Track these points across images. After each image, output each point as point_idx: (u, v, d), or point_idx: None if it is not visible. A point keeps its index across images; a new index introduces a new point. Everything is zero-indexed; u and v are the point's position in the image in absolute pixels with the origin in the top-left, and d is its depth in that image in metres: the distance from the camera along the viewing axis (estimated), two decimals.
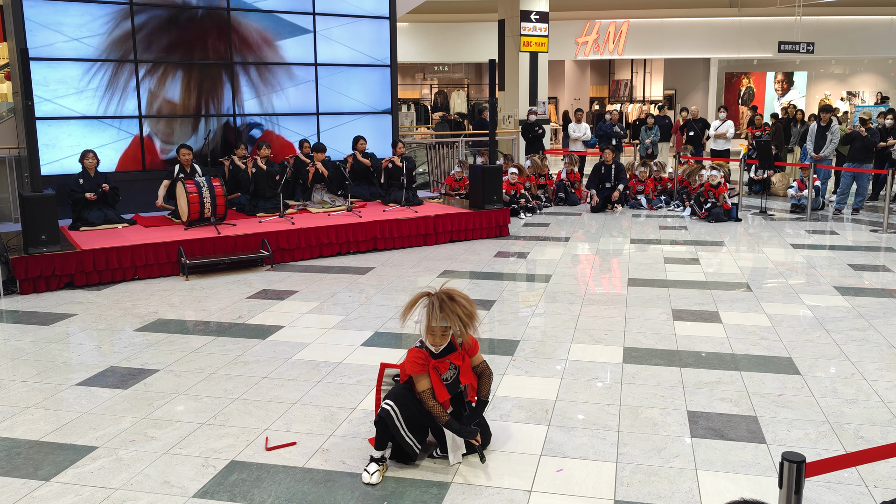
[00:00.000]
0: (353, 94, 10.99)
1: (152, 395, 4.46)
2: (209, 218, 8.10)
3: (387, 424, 3.47)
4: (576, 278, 7.32)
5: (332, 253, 8.36)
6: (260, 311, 6.22)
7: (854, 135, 11.07)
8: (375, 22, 10.99)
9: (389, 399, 3.53)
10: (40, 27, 8.70)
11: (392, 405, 3.50)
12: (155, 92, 9.46)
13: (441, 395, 3.52)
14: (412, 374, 3.53)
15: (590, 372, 4.80)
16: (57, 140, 8.93)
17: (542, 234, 9.69)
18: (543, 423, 4.06)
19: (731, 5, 20.73)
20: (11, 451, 3.76)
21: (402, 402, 3.53)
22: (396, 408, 3.49)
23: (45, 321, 5.98)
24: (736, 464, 3.60)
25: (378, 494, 3.34)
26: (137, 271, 7.32)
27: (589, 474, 3.51)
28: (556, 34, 17.99)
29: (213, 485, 3.43)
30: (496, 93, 11.56)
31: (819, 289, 6.86)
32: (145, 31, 9.30)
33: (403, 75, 23.55)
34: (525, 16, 15.54)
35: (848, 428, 3.98)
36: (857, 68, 23.86)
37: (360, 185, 10.06)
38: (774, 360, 5.01)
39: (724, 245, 8.91)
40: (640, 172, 12.32)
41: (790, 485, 2.28)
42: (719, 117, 13.84)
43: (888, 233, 9.59)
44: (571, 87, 25.10)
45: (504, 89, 16.40)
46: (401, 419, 3.49)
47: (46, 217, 6.94)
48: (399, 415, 3.49)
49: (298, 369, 4.87)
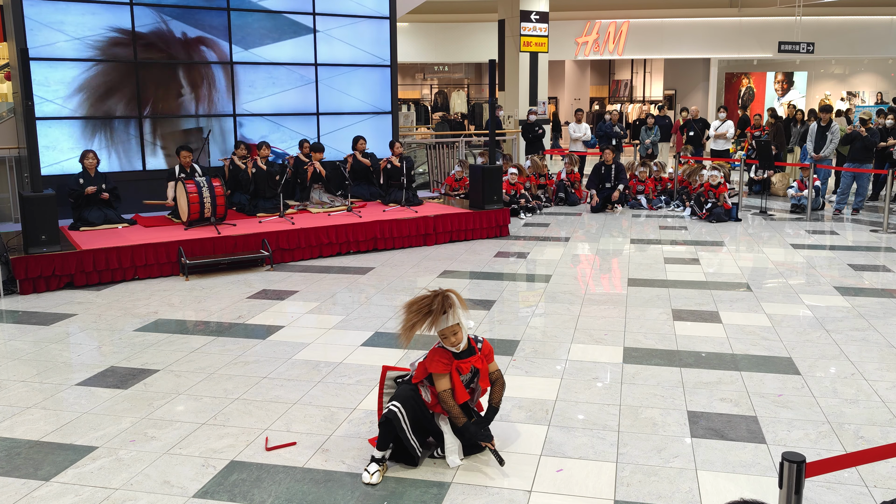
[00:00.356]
0: (353, 94, 10.99)
1: (152, 395, 4.46)
2: (209, 218, 8.10)
3: (393, 426, 3.46)
4: (576, 278, 7.32)
5: (332, 253, 8.36)
6: (260, 311, 6.22)
7: (854, 135, 11.08)
8: (375, 22, 10.99)
9: (396, 400, 3.53)
10: (41, 27, 8.70)
11: (399, 406, 3.49)
12: (155, 90, 9.47)
13: (461, 396, 3.52)
14: (435, 372, 3.51)
15: (590, 372, 4.80)
16: (57, 141, 8.93)
17: (542, 234, 9.69)
18: (543, 423, 4.06)
19: (731, 5, 20.73)
20: (11, 451, 3.76)
21: (409, 403, 3.53)
22: (403, 409, 3.50)
23: (45, 321, 5.98)
24: (736, 464, 3.60)
25: (378, 494, 3.34)
26: (137, 271, 7.32)
27: (589, 474, 3.51)
28: (556, 34, 17.99)
29: (213, 485, 3.43)
30: (496, 93, 11.56)
31: (819, 289, 6.86)
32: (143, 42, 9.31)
33: (403, 75, 23.55)
34: (525, 16, 15.54)
35: (848, 428, 3.98)
36: (857, 68, 23.86)
37: (360, 185, 10.06)
38: (774, 360, 5.01)
39: (724, 245, 8.91)
40: (639, 172, 12.31)
41: (790, 485, 2.28)
42: (719, 117, 13.84)
43: (888, 233, 9.59)
44: (571, 87, 25.09)
45: (504, 89, 16.40)
46: (407, 421, 3.49)
47: (46, 217, 6.94)
48: (405, 416, 3.49)
49: (298, 369, 4.87)
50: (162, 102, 9.57)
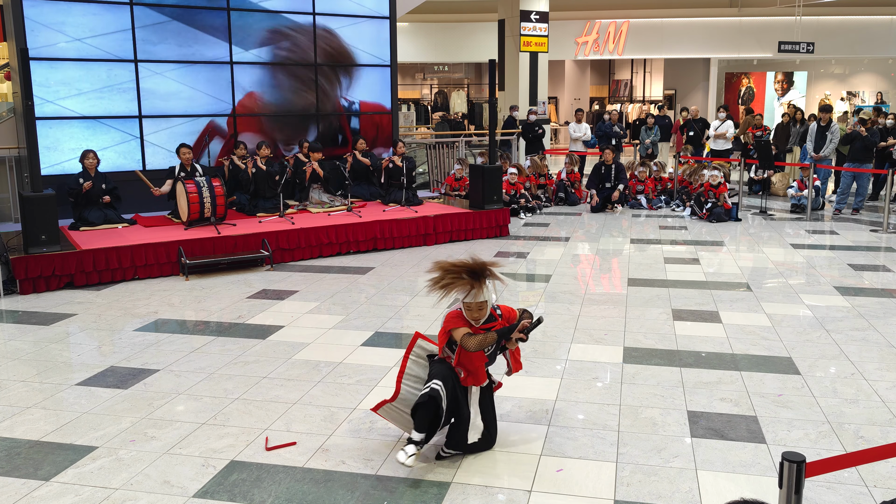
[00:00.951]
0: (353, 94, 10.99)
1: (152, 395, 4.46)
2: (209, 218, 8.10)
3: (437, 403, 3.43)
4: (576, 278, 7.32)
5: (332, 253, 8.36)
6: (260, 311, 6.22)
7: (854, 135, 11.08)
8: (375, 22, 10.99)
9: (437, 379, 3.50)
10: (41, 27, 8.70)
11: (441, 385, 3.47)
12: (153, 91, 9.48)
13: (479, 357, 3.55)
14: (452, 328, 3.51)
15: (590, 372, 4.80)
16: (58, 142, 8.93)
17: (542, 234, 9.69)
18: (543, 423, 4.06)
19: (731, 5, 20.73)
20: (11, 451, 3.76)
21: (449, 384, 3.51)
22: (444, 389, 3.47)
23: (45, 321, 5.98)
24: (736, 464, 3.60)
25: (378, 495, 3.34)
26: (137, 271, 7.32)
27: (589, 474, 3.51)
28: (556, 34, 17.99)
29: (213, 485, 3.43)
30: (496, 93, 11.56)
31: (819, 289, 6.86)
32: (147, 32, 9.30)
33: (403, 75, 23.55)
34: (525, 16, 15.54)
35: (848, 428, 3.98)
36: (857, 68, 23.85)
37: (360, 185, 10.06)
38: (774, 360, 5.01)
39: (724, 245, 8.91)
40: (639, 172, 12.31)
41: (790, 485, 2.28)
42: (719, 117, 13.83)
43: (888, 233, 9.59)
44: (571, 87, 25.10)
45: (504, 89, 16.40)
46: (446, 402, 3.47)
47: (46, 217, 6.94)
48: (446, 396, 3.47)
49: (298, 369, 4.87)
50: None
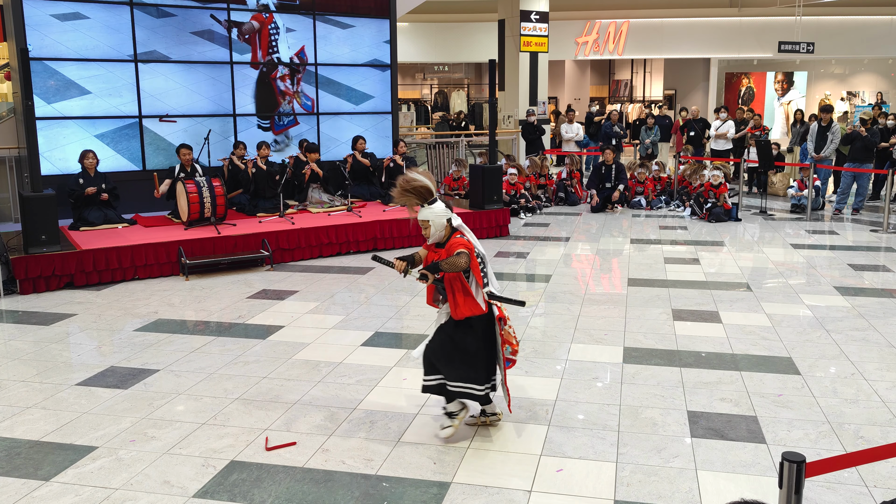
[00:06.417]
0: (353, 95, 10.98)
1: (152, 395, 4.46)
2: (209, 218, 8.10)
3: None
4: (576, 278, 7.32)
5: (332, 253, 8.36)
6: (260, 311, 6.22)
7: (854, 135, 11.07)
8: (375, 22, 10.99)
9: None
10: (41, 27, 8.69)
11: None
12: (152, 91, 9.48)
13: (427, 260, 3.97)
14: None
15: (590, 372, 4.80)
16: (58, 142, 8.93)
17: (542, 234, 9.69)
18: (543, 423, 4.06)
19: (731, 5, 20.72)
20: (11, 451, 3.76)
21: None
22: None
23: (45, 321, 5.98)
24: (736, 464, 3.60)
25: (378, 495, 3.34)
26: (137, 271, 7.32)
27: (589, 474, 3.51)
28: (556, 34, 17.97)
29: (213, 485, 3.43)
30: (496, 93, 11.55)
31: (819, 289, 6.85)
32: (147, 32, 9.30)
33: (403, 75, 23.54)
34: (525, 16, 15.52)
35: (848, 428, 3.98)
36: (857, 68, 23.84)
37: (360, 185, 10.06)
38: (774, 360, 5.01)
39: (724, 245, 8.91)
40: (639, 173, 12.31)
41: (790, 485, 2.28)
42: (720, 117, 13.83)
43: (888, 233, 9.59)
44: (571, 87, 25.08)
45: (504, 89, 16.39)
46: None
47: (46, 217, 6.94)
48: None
49: (298, 369, 4.87)
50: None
